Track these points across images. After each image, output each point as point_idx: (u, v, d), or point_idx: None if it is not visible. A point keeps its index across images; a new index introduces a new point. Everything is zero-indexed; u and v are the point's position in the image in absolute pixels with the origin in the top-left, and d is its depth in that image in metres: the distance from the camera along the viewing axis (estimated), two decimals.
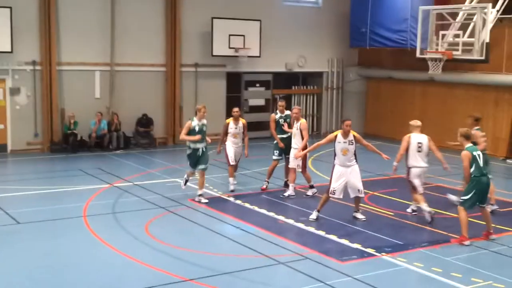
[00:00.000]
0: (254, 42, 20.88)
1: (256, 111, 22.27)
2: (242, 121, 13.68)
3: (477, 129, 12.05)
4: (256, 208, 12.31)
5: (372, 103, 23.67)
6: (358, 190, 11.32)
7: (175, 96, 20.44)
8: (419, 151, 11.59)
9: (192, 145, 12.47)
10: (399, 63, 22.10)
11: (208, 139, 12.76)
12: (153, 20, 20.02)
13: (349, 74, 23.83)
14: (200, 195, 12.64)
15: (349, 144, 11.07)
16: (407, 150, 11.63)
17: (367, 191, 12.63)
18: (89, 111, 18.91)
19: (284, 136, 13.73)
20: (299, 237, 10.59)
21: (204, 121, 12.54)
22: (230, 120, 13.65)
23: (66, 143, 18.57)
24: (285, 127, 13.68)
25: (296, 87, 23.44)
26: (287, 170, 13.89)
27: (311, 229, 10.94)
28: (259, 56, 21.16)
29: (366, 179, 14.79)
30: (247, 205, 12.57)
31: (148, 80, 20.11)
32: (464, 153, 10.25)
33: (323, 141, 11.41)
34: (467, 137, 10.44)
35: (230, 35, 20.47)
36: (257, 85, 22.32)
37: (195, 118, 12.47)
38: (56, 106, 18.65)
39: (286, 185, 13.92)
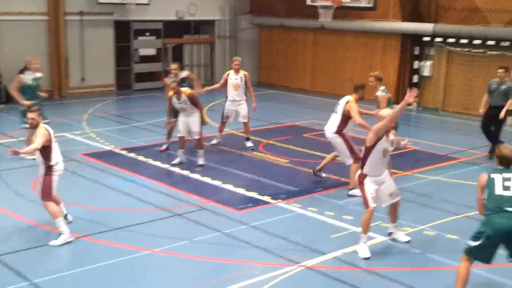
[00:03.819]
0: None
1: (147, 61, 21.62)
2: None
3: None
4: (151, 161, 12.01)
5: (265, 52, 23.64)
6: None
7: (59, 46, 19.34)
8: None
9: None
10: (290, 11, 22.10)
11: (43, 93, 12.40)
12: None
13: (241, 22, 23.60)
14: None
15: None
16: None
17: (262, 140, 12.66)
18: None
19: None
20: (195, 188, 10.44)
21: (38, 74, 12.08)
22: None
23: None
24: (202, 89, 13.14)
25: (188, 36, 22.93)
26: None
27: (207, 180, 10.83)
28: (148, 4, 20.40)
29: (260, 127, 14.90)
30: (141, 158, 12.22)
31: (29, 30, 18.79)
32: (382, 94, 10.40)
33: None
34: (381, 79, 10.54)
35: None
36: (147, 34, 21.57)
37: (27, 72, 12.01)
38: None
39: None
